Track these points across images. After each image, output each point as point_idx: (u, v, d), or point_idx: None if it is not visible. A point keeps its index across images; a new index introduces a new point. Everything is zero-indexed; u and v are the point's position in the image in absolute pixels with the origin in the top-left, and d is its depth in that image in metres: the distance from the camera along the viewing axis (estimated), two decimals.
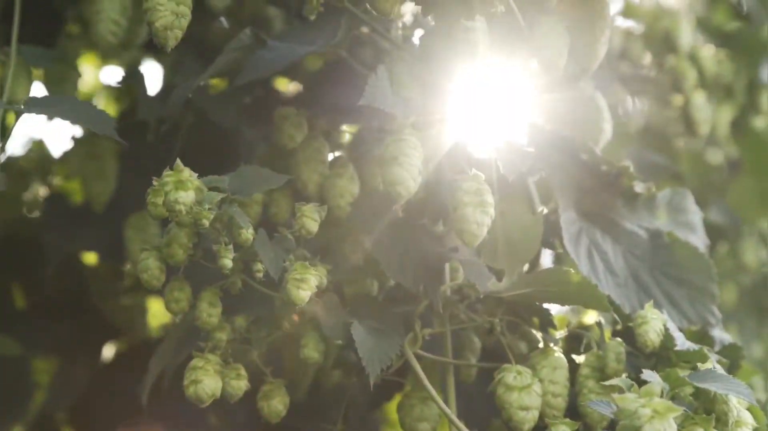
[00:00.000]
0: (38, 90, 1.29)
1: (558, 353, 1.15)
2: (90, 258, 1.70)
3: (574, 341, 1.23)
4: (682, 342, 1.11)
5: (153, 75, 1.59)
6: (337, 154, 1.29)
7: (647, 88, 1.85)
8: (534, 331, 1.23)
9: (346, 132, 1.33)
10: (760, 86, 1.96)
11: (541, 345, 1.17)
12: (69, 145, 1.57)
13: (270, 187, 1.10)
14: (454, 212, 1.10)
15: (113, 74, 1.82)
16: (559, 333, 1.23)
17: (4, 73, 1.17)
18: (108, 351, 1.74)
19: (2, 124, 1.15)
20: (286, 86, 1.54)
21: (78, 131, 1.56)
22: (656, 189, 1.33)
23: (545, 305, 1.20)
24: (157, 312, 1.79)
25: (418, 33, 1.27)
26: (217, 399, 1.09)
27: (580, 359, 1.20)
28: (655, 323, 1.12)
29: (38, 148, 1.73)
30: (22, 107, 1.12)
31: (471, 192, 1.10)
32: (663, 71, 1.87)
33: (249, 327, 1.14)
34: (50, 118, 1.15)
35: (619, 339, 1.15)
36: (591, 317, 1.42)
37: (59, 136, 2.04)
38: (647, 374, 0.98)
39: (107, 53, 1.66)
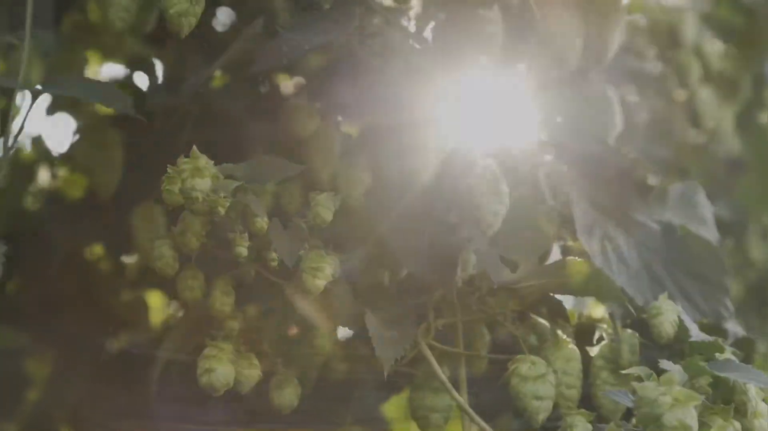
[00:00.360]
0: None
1: (571, 345, 1.15)
2: (92, 253, 1.69)
3: (584, 333, 1.22)
4: (696, 334, 1.11)
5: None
6: (349, 144, 1.28)
7: (652, 82, 1.85)
8: (545, 323, 1.23)
9: (358, 122, 1.32)
10: (765, 81, 1.97)
11: (552, 337, 1.17)
12: (70, 141, 1.57)
13: (285, 176, 1.10)
14: (469, 201, 1.10)
15: (115, 71, 1.81)
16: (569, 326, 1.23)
17: (17, 56, 1.16)
18: (109, 348, 1.73)
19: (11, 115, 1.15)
20: (289, 82, 1.53)
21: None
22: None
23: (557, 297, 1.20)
24: (158, 309, 1.78)
25: (431, 25, 1.27)
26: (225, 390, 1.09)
27: (591, 351, 1.20)
28: (670, 314, 1.12)
29: (38, 144, 1.72)
30: (40, 87, 1.11)
31: (486, 180, 1.10)
32: (667, 65, 1.87)
33: (260, 317, 1.14)
34: (66, 96, 1.14)
35: (631, 330, 1.15)
36: (599, 310, 1.42)
37: (60, 133, 2.02)
38: (665, 363, 0.98)
39: (110, 49, 1.65)
